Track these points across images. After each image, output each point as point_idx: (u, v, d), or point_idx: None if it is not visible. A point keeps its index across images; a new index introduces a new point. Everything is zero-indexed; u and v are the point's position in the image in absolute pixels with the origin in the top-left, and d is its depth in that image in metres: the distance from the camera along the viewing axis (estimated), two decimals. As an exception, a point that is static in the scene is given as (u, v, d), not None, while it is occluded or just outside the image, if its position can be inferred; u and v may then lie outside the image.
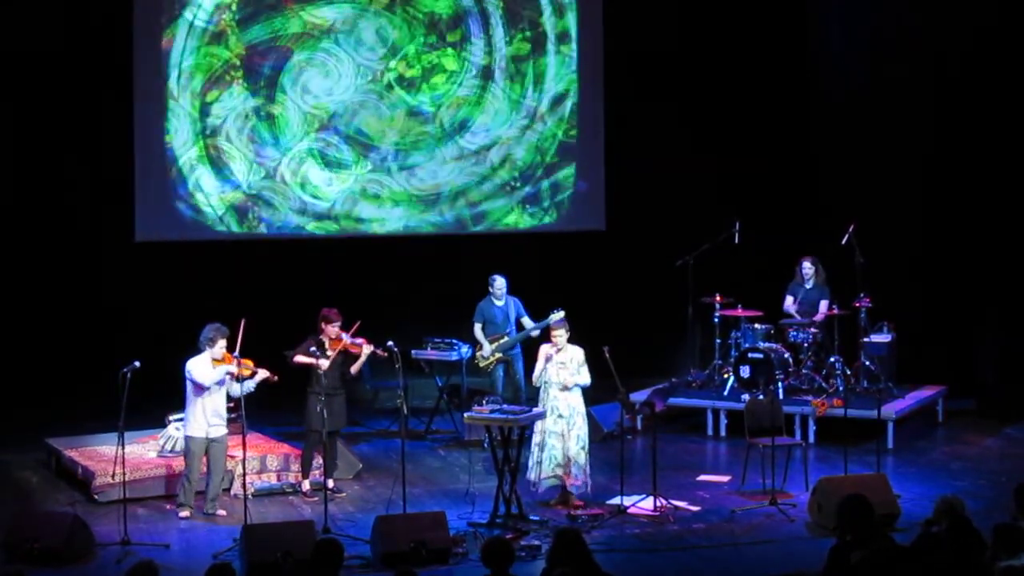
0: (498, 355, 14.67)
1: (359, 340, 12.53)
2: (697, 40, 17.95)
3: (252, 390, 11.85)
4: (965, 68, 16.34)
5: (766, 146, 17.91)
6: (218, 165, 16.90)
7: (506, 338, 14.66)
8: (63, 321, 16.47)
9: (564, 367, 11.99)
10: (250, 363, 11.78)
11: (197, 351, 11.77)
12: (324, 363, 12.18)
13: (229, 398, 11.98)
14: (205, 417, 11.75)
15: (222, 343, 11.71)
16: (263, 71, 16.93)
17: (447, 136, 17.61)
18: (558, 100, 17.93)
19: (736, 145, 17.86)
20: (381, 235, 17.52)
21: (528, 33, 17.79)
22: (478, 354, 14.79)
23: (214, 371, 11.68)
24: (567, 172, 18.02)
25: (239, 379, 11.71)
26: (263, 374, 11.83)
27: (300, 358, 12.34)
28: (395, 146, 17.46)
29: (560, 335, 12.07)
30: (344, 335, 12.44)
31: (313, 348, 12.27)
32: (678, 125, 17.90)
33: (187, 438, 11.90)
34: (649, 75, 17.89)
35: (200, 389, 11.70)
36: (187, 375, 11.74)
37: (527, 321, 14.69)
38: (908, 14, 16.86)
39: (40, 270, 16.46)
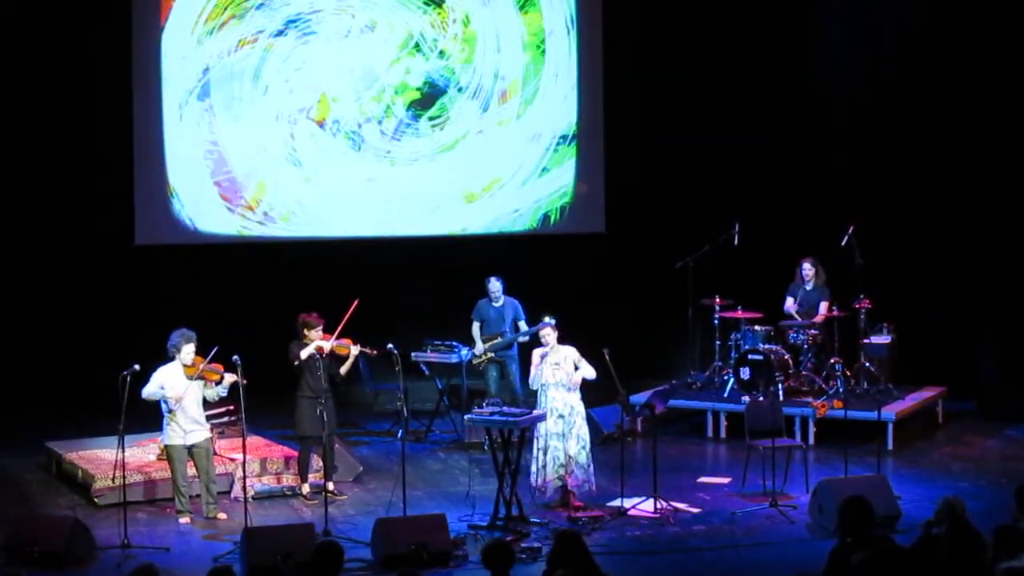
0: (489, 355, 14.71)
1: (344, 341, 12.50)
2: (697, 41, 17.94)
3: (224, 395, 11.87)
4: (965, 68, 16.32)
5: (766, 146, 17.90)
6: (216, 168, 16.90)
7: (499, 339, 14.69)
8: (63, 324, 16.45)
9: (559, 367, 11.97)
10: (219, 368, 11.76)
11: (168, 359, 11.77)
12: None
13: (207, 403, 11.99)
14: (180, 425, 11.71)
15: (188, 348, 11.70)
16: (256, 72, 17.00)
17: (447, 138, 17.61)
18: (558, 102, 17.92)
19: (736, 146, 17.85)
20: (380, 238, 17.50)
21: (528, 34, 17.78)
22: (473, 351, 14.83)
23: (151, 388, 11.60)
24: (567, 174, 18.00)
25: (215, 383, 11.75)
26: (231, 378, 11.72)
27: (304, 352, 12.29)
28: (392, 149, 17.47)
29: (548, 334, 12.07)
30: (328, 340, 12.40)
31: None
32: (678, 126, 17.88)
33: (167, 447, 11.87)
34: (649, 76, 17.87)
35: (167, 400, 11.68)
36: None
37: (523, 325, 14.74)
38: (908, 14, 16.86)
39: (40, 273, 16.46)
